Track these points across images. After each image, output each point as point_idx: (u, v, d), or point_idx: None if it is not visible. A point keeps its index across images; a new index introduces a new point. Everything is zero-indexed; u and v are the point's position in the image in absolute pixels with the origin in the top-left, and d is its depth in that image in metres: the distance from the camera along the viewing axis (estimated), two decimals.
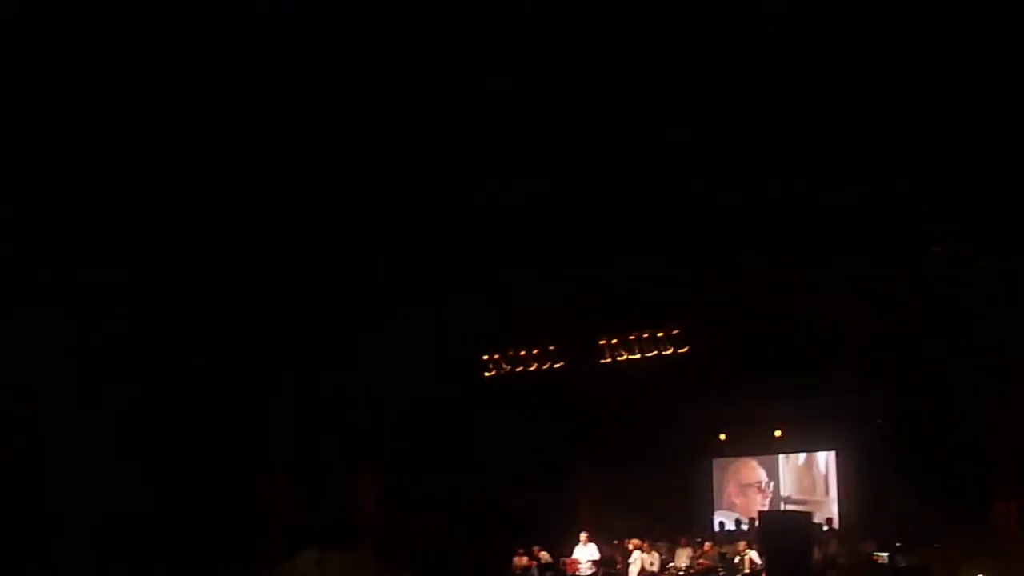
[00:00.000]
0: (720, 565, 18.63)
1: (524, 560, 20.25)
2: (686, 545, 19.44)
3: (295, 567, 20.25)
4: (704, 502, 22.25)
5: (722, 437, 21.93)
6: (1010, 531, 15.13)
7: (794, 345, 17.65)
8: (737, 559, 18.41)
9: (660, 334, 19.19)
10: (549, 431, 20.70)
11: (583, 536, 19.60)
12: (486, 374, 20.80)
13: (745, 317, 17.74)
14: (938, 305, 14.99)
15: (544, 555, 20.18)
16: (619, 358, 19.72)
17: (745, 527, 20.46)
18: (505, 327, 19.40)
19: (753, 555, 18.02)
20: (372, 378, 19.86)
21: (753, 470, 21.86)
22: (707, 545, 19.36)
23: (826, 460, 20.93)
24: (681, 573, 18.86)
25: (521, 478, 20.75)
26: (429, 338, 18.91)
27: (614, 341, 19.62)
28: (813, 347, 17.30)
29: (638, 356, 19.50)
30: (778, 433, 21.05)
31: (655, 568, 19.14)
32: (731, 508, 21.93)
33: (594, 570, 19.44)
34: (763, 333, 17.73)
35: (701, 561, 18.92)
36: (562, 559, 19.97)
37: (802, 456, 21.35)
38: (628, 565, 19.34)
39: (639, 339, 19.43)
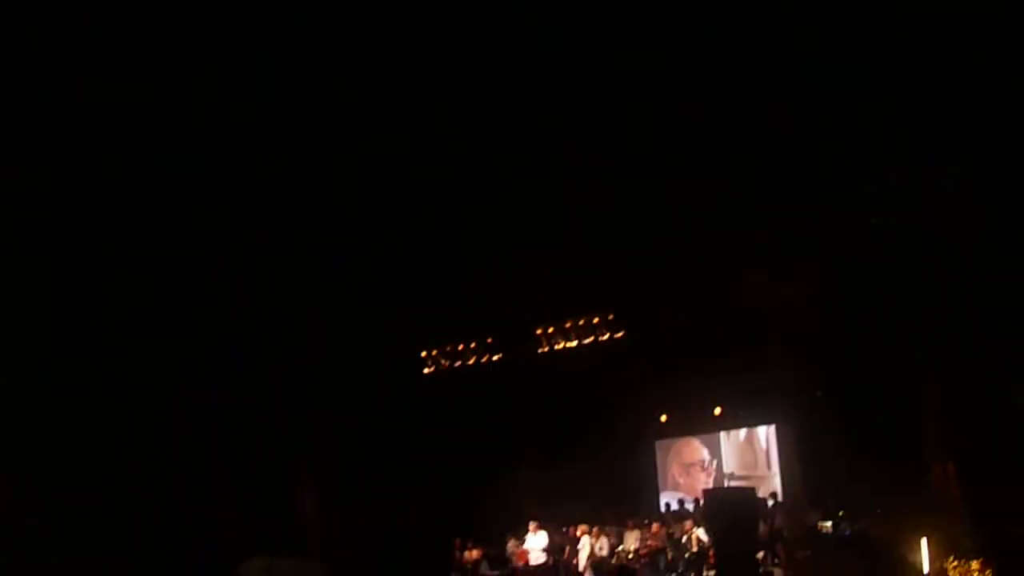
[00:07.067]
0: (668, 545, 18.75)
1: (474, 554, 20.22)
2: (634, 528, 19.54)
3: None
4: (649, 484, 22.36)
5: (663, 418, 22.03)
6: (948, 492, 15.39)
7: (729, 322, 17.78)
8: (684, 538, 18.54)
9: (596, 320, 19.22)
10: (491, 424, 20.67)
11: (532, 525, 19.55)
12: (425, 371, 20.70)
13: (678, 298, 17.84)
14: (869, 275, 15.19)
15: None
16: (556, 347, 19.73)
17: (690, 507, 20.62)
18: (440, 322, 19.30)
19: (700, 533, 18.15)
20: (310, 382, 19.66)
21: (695, 449, 22.00)
22: (655, 526, 19.44)
23: (766, 435, 21.11)
24: (630, 556, 18.95)
25: (465, 472, 20.69)
26: (366, 339, 18.76)
27: (551, 330, 19.62)
28: (748, 323, 17.43)
29: (575, 344, 19.51)
30: (718, 411, 21.17)
31: (604, 553, 19.21)
32: (676, 488, 22.05)
33: (546, 558, 19.45)
34: (697, 313, 17.85)
35: (650, 543, 19.02)
36: (512, 550, 19.96)
37: (743, 432, 21.53)
38: (577, 552, 19.39)
39: (575, 326, 19.45)
